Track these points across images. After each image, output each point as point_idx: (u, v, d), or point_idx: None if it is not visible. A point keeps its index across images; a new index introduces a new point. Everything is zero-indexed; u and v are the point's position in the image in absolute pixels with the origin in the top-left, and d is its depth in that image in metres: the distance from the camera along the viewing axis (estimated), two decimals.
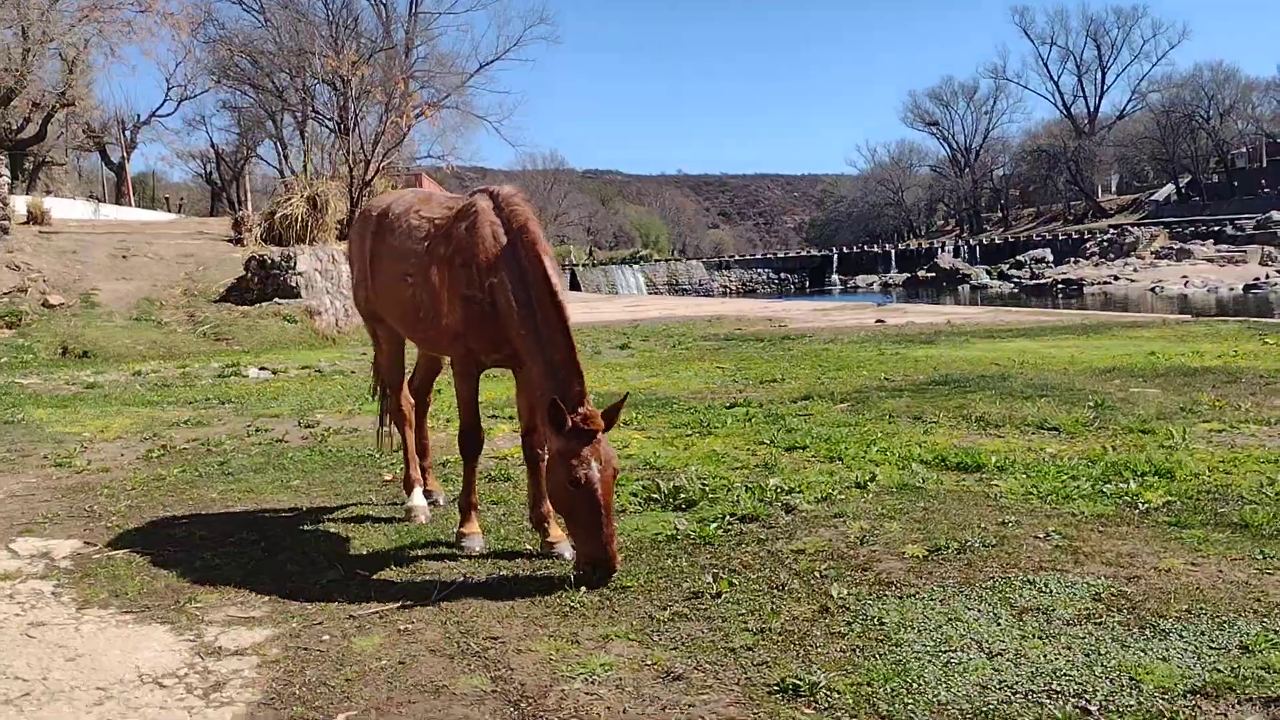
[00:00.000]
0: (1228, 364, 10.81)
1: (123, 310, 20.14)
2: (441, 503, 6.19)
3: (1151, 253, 64.59)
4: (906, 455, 6.77)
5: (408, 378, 6.42)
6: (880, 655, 3.67)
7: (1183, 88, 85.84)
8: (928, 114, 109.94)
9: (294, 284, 20.43)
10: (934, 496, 5.78)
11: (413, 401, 6.32)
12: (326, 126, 41.05)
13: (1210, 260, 59.40)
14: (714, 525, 5.35)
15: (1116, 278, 57.74)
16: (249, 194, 57.03)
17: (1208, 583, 4.17)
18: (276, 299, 20.33)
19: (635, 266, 77.16)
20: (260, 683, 3.74)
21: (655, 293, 67.77)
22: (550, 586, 4.58)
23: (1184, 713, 3.13)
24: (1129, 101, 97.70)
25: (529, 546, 5.23)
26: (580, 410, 4.53)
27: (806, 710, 3.30)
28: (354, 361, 15.17)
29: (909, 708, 3.27)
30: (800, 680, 3.46)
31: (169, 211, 55.45)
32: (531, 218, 4.98)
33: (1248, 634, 3.63)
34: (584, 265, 73.19)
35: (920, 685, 3.41)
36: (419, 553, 5.25)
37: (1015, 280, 65.18)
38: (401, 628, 4.22)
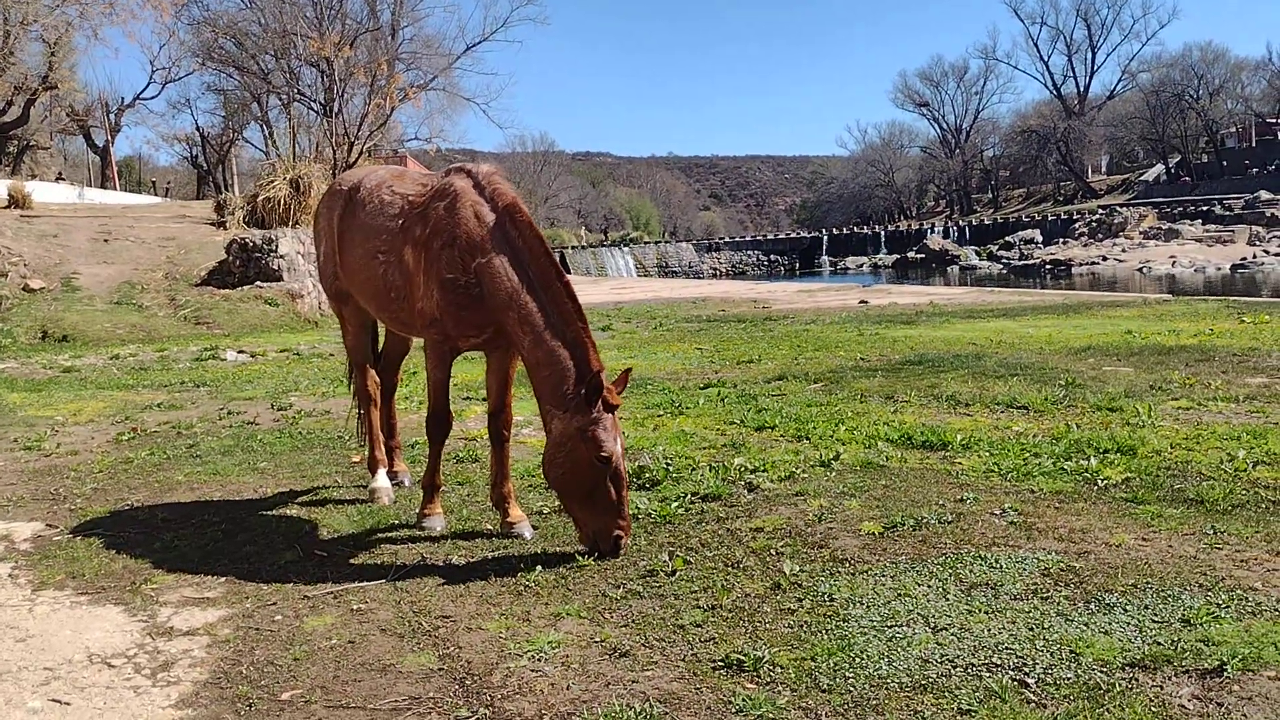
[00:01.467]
0: (1203, 342, 10.84)
1: (103, 294, 20.05)
2: (408, 484, 6.17)
3: (1140, 233, 64.71)
4: (873, 434, 6.78)
5: (375, 357, 6.36)
6: (826, 630, 3.68)
7: (1172, 67, 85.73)
8: (918, 95, 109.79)
9: (276, 267, 20.35)
10: (896, 474, 5.79)
11: (379, 381, 6.23)
12: (312, 109, 40.82)
13: (1198, 240, 59.52)
14: (675, 504, 5.35)
15: (1105, 258, 57.85)
16: (235, 176, 56.77)
17: (1156, 557, 4.19)
18: (258, 282, 20.26)
19: (625, 249, 77.04)
20: (209, 662, 3.74)
21: (645, 275, 67.68)
22: (507, 566, 4.59)
23: (1120, 685, 3.15)
24: (1119, 81, 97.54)
25: (490, 527, 5.23)
26: (604, 385, 4.48)
27: (748, 685, 3.31)
28: (333, 344, 15.12)
29: (849, 681, 3.28)
30: (745, 656, 3.47)
31: (155, 195, 55.14)
32: (518, 197, 4.85)
33: (1191, 607, 3.65)
34: (573, 247, 73.00)
35: (863, 659, 3.42)
36: (379, 534, 5.25)
37: (1004, 261, 65.30)
38: (354, 607, 4.22)
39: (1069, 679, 3.20)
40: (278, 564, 4.84)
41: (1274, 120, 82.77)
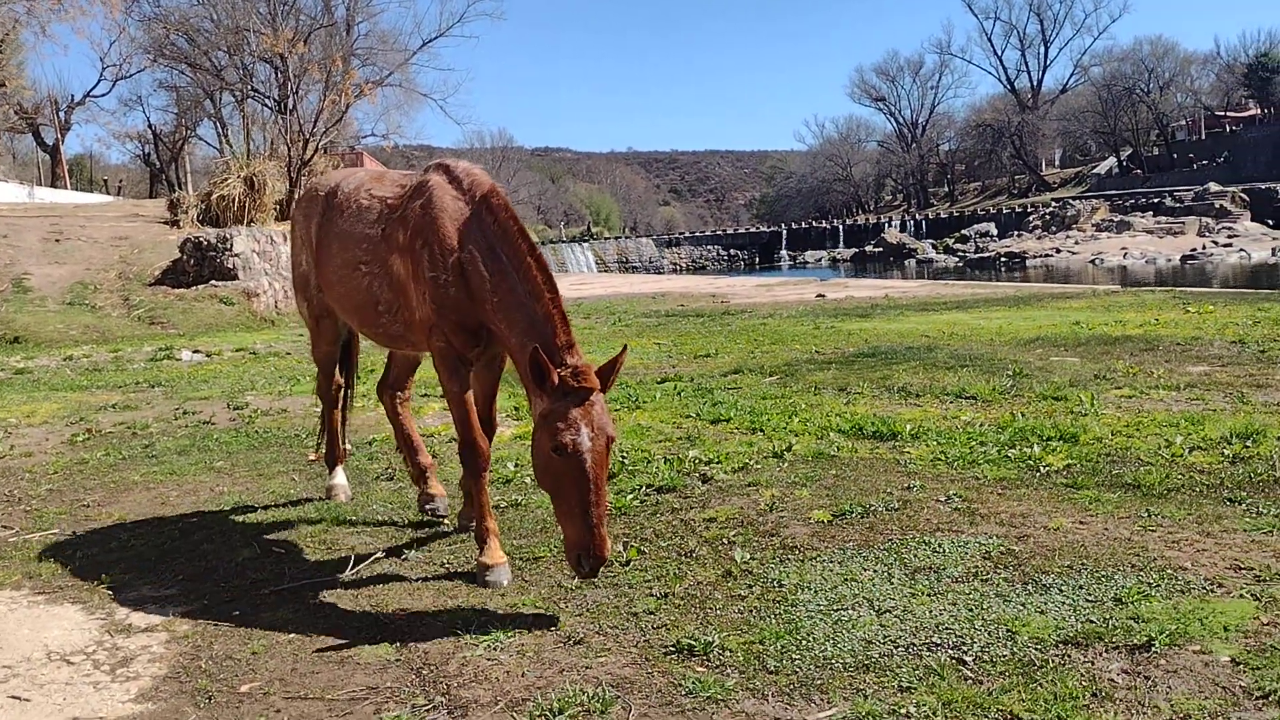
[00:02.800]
0: (1148, 332, 11.10)
1: (55, 295, 19.79)
2: (443, 510, 5.42)
3: (1093, 225, 65.68)
4: (825, 425, 6.91)
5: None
6: (775, 615, 3.79)
7: (1123, 61, 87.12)
8: (874, 89, 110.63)
9: (231, 265, 20.19)
10: (846, 464, 5.92)
11: (342, 383, 6.08)
12: (266, 105, 40.41)
13: (1149, 232, 60.52)
14: (630, 496, 5.45)
15: (1058, 250, 58.68)
16: (189, 175, 55.99)
17: (1092, 540, 4.34)
18: (213, 281, 20.08)
19: (585, 245, 77.09)
20: (168, 658, 3.78)
21: (605, 270, 67.75)
22: (463, 559, 4.66)
23: (1054, 661, 3.28)
24: (1071, 75, 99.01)
25: (447, 525, 5.28)
26: (569, 362, 3.95)
27: (698, 668, 3.41)
28: (290, 343, 15.06)
29: (795, 663, 3.39)
30: (696, 641, 3.57)
31: (107, 194, 54.32)
32: (496, 186, 4.56)
33: (1123, 587, 3.81)
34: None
35: (809, 642, 3.54)
36: (336, 530, 5.30)
37: (960, 254, 66.04)
38: (312, 601, 4.27)
39: (1005, 656, 3.33)
40: (235, 561, 4.87)
41: (1222, 113, 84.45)
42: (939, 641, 3.47)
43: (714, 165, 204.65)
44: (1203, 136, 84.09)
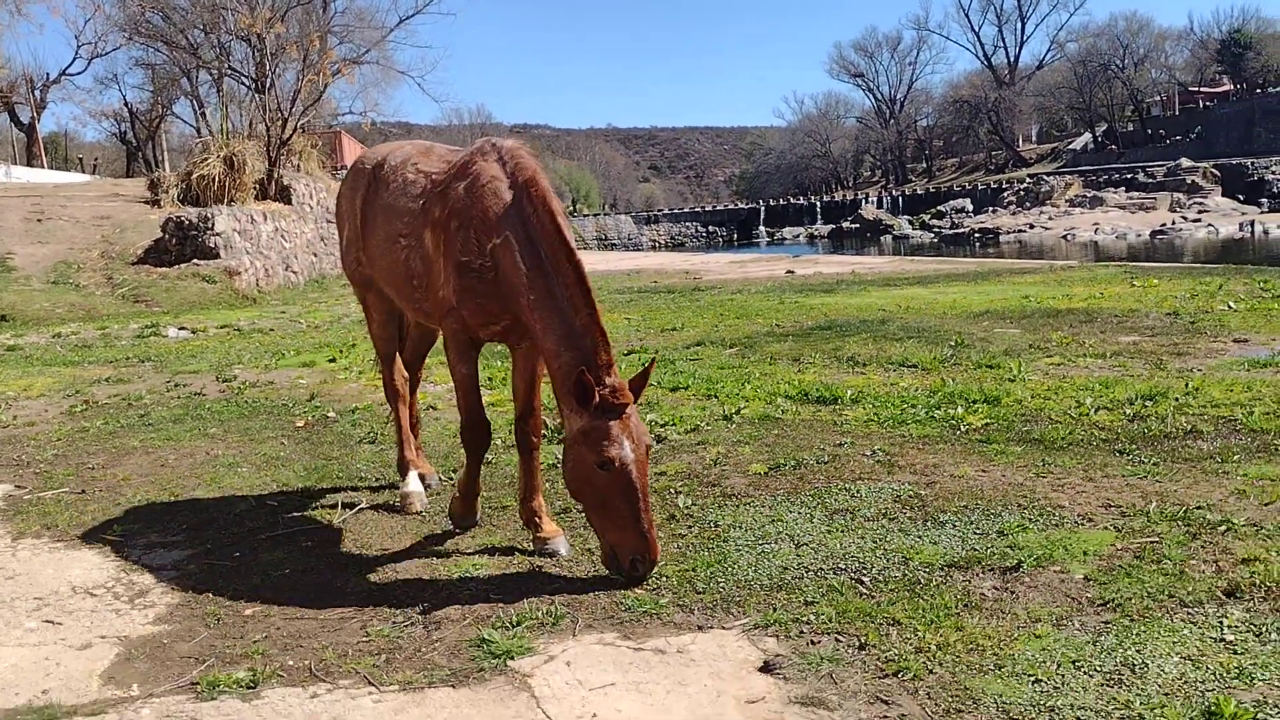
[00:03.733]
0: (1091, 305, 11.73)
1: (40, 274, 20.14)
2: (434, 485, 5.68)
3: (1066, 201, 66.41)
4: (774, 391, 7.50)
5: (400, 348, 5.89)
6: (708, 549, 4.38)
7: (1099, 37, 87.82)
8: (852, 65, 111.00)
9: (212, 245, 20.57)
10: (789, 425, 6.51)
11: (406, 376, 5.88)
12: (243, 84, 40.52)
13: (1122, 208, 61.30)
14: None
15: (1032, 226, 59.42)
16: (166, 153, 56.00)
17: (990, 485, 4.95)
18: (195, 260, 20.47)
19: None
20: (179, 590, 4.34)
21: (584, 248, 67.92)
22: (439, 509, 5.22)
23: (937, 580, 3.88)
24: (1048, 51, 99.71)
25: (440, 476, 5.84)
26: (608, 381, 4.07)
27: (639, 591, 4.00)
28: (273, 320, 15.54)
29: (721, 585, 3.98)
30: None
31: (83, 172, 54.18)
32: (540, 171, 4.47)
33: (1007, 522, 4.41)
34: None
35: (734, 570, 4.13)
36: (324, 485, 5.85)
37: (936, 230, 66.70)
38: (304, 544, 4.83)
39: (897, 577, 3.93)
40: (233, 512, 5.42)
41: (1196, 89, 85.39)
42: (844, 567, 4.07)
43: (693, 142, 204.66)
44: (1177, 112, 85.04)
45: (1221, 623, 3.36)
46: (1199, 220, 52.36)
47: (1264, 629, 3.31)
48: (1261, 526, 4.14)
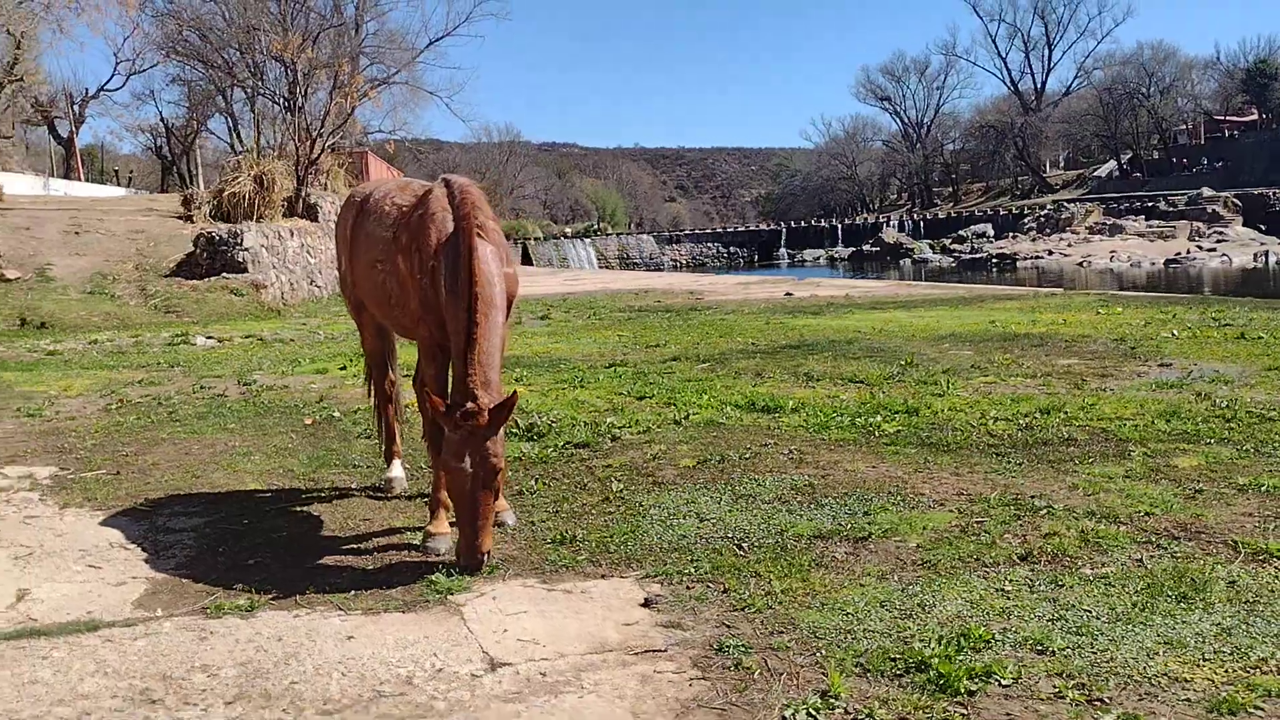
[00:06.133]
0: (1049, 331, 12.60)
1: (77, 284, 21.39)
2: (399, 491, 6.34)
3: (1086, 228, 66.94)
4: (726, 400, 8.44)
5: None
6: (627, 522, 5.33)
7: (1125, 65, 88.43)
8: (880, 89, 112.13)
9: (241, 259, 21.77)
10: (729, 429, 7.45)
11: (395, 381, 6.61)
12: (275, 103, 41.99)
13: (1141, 235, 61.76)
14: (552, 450, 6.99)
15: (1050, 252, 59.97)
16: (200, 167, 57.69)
17: (874, 477, 5.88)
18: (224, 274, 21.67)
19: (587, 240, 78.64)
20: (196, 544, 5.35)
21: (607, 266, 69.29)
22: (416, 490, 6.20)
23: (802, 546, 4.82)
24: (1074, 78, 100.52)
25: (408, 465, 6.82)
26: (469, 405, 4.61)
27: (564, 550, 4.96)
28: (294, 331, 16.64)
29: (629, 548, 4.94)
30: (567, 536, 5.13)
31: (119, 185, 55.99)
32: (478, 203, 5.08)
33: (875, 504, 5.34)
34: (536, 239, 74.42)
35: (644, 537, 5.08)
36: (322, 471, 6.85)
37: (956, 254, 67.38)
38: (301, 515, 5.83)
39: (770, 544, 4.87)
40: (244, 490, 6.43)
41: (1222, 118, 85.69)
42: (730, 536, 5.01)
43: (720, 162, 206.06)
44: (1202, 141, 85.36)
45: (1006, 578, 4.28)
46: (1214, 250, 52.82)
47: (1037, 583, 4.23)
48: (1074, 510, 5.06)
